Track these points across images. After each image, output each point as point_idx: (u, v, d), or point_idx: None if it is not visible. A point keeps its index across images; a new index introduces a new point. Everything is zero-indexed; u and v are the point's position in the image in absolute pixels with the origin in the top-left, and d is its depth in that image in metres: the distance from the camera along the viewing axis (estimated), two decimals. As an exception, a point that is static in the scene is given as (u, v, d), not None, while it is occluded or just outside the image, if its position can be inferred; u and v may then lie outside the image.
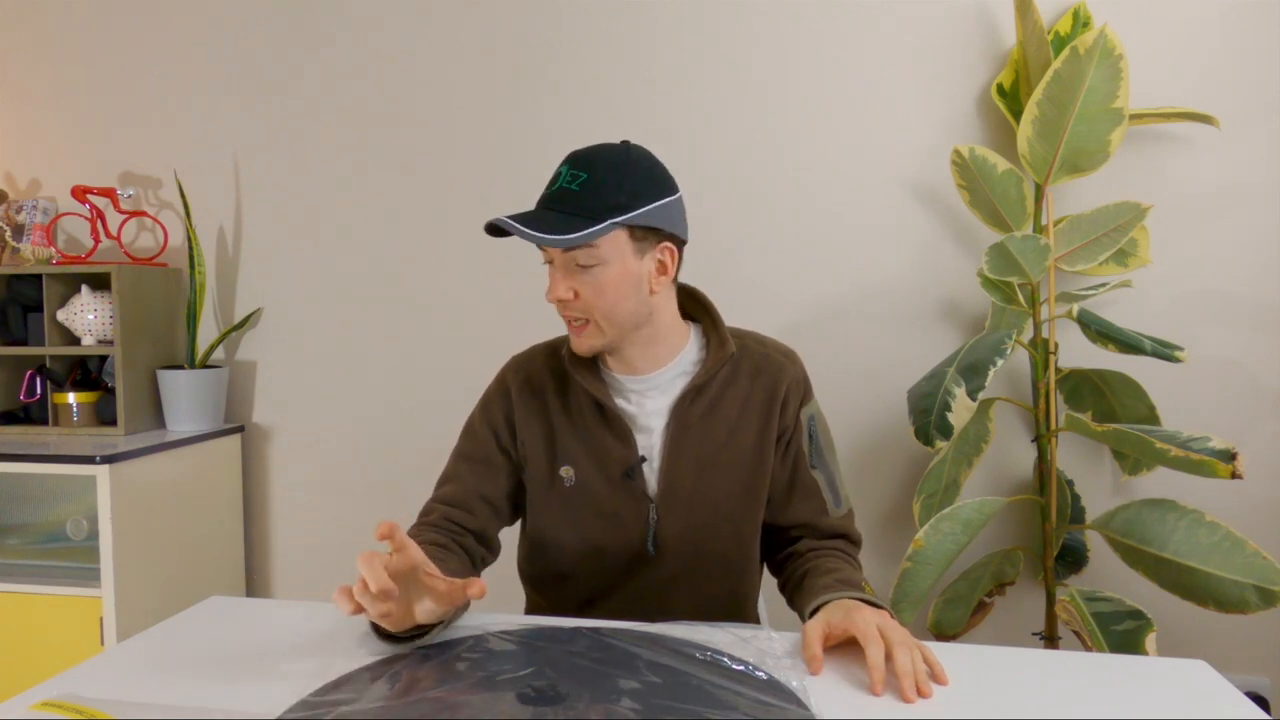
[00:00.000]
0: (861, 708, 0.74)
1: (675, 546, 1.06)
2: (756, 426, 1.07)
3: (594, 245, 0.96)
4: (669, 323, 1.06)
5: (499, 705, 0.72)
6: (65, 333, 2.07)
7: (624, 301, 0.99)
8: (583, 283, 0.99)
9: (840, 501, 1.11)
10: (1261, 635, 1.76)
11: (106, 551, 1.74)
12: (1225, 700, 0.75)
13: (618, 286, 0.99)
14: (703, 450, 1.05)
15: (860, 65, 1.85)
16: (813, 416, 1.11)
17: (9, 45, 2.26)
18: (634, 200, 0.96)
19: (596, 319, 1.01)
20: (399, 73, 2.06)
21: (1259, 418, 1.75)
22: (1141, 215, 1.55)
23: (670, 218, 1.00)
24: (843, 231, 1.88)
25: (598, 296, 0.99)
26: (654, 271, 1.00)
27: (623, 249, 0.97)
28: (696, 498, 1.05)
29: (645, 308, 1.01)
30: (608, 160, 0.98)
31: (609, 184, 0.96)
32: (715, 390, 1.06)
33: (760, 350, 1.10)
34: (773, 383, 1.07)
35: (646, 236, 0.99)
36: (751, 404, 1.07)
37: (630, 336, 1.03)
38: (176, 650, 0.89)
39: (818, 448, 1.10)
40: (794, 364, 1.11)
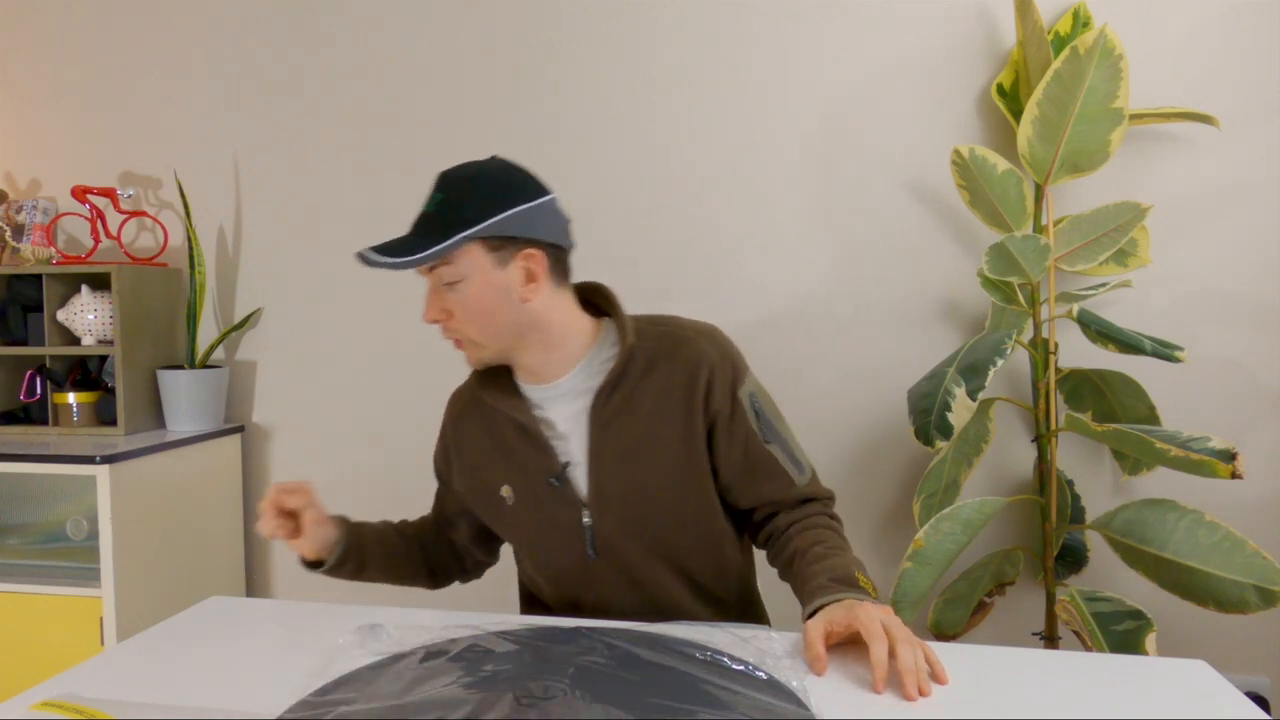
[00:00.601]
0: (861, 708, 0.74)
1: (617, 545, 1.06)
2: (679, 414, 1.04)
3: (451, 262, 0.97)
4: (563, 326, 1.05)
5: (499, 705, 0.72)
6: (65, 333, 2.07)
7: (494, 314, 1.00)
8: (451, 301, 1.00)
9: (802, 468, 1.09)
10: (1261, 635, 1.76)
11: (106, 551, 1.74)
12: (1225, 700, 0.75)
13: (483, 300, 0.99)
14: (625, 446, 1.04)
15: (860, 65, 1.85)
16: (752, 393, 1.08)
17: (9, 45, 2.26)
18: (484, 212, 0.97)
19: (471, 335, 1.01)
20: (399, 73, 2.06)
21: (1259, 418, 1.75)
22: (1141, 215, 1.55)
23: (530, 224, 0.99)
24: (842, 231, 1.88)
25: (466, 312, 1.00)
26: (521, 280, 1.00)
27: (481, 262, 0.98)
28: (628, 494, 1.05)
29: (522, 316, 1.01)
30: (462, 177, 1.00)
31: (460, 201, 0.97)
32: (630, 384, 1.05)
33: (675, 335, 1.07)
34: (690, 368, 1.05)
35: (504, 246, 0.98)
36: (670, 392, 1.04)
37: (518, 345, 1.04)
38: (176, 650, 0.89)
39: (766, 423, 1.07)
40: (714, 344, 1.07)
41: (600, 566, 1.08)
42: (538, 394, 1.08)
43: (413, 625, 0.92)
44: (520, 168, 1.03)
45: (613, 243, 1.97)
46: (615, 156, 1.96)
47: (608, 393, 1.04)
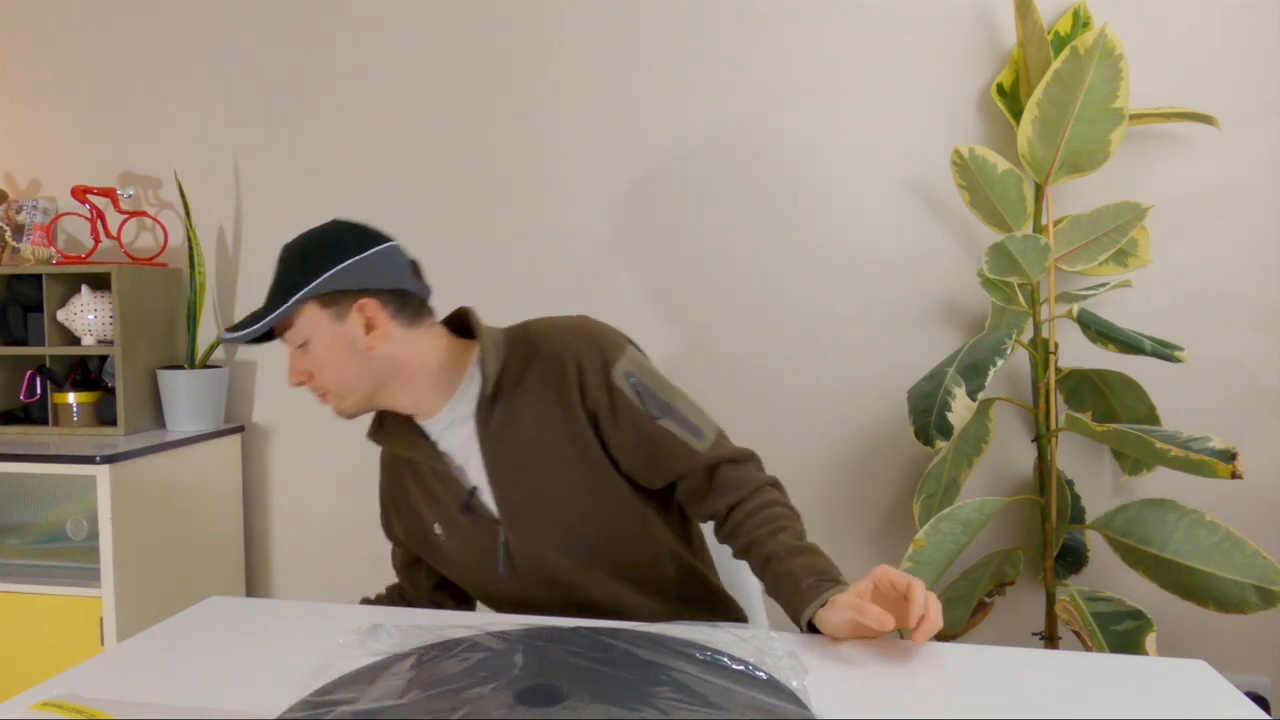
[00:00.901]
0: (861, 708, 0.74)
1: (539, 555, 1.07)
2: (560, 414, 1.05)
3: (293, 325, 1.04)
4: (422, 363, 1.07)
5: (499, 705, 0.72)
6: (65, 333, 2.07)
7: (345, 367, 1.04)
8: (308, 361, 1.05)
9: (702, 434, 1.06)
10: (1261, 635, 1.76)
11: (106, 551, 1.74)
12: (1225, 700, 0.75)
13: (331, 354, 1.04)
14: (518, 457, 1.06)
15: (860, 65, 1.85)
16: (629, 373, 1.06)
17: (9, 45, 2.26)
18: (312, 273, 1.02)
19: (331, 389, 1.06)
20: (399, 73, 2.06)
21: (1259, 418, 1.75)
22: (1141, 215, 1.55)
23: (361, 276, 1.03)
24: (842, 231, 1.88)
25: (321, 370, 1.05)
26: (363, 332, 1.04)
27: (319, 320, 1.03)
28: (534, 503, 1.06)
29: (373, 364, 1.05)
30: (295, 245, 1.05)
31: (293, 267, 1.04)
32: (506, 397, 1.06)
33: (541, 337, 1.08)
34: (559, 366, 1.05)
35: (338, 301, 1.03)
36: (545, 394, 1.05)
37: (379, 391, 1.07)
38: (176, 650, 0.89)
39: (652, 399, 1.06)
40: (580, 336, 1.07)
41: (521, 582, 1.09)
42: (431, 428, 1.10)
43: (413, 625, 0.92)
44: (353, 224, 1.07)
45: (609, 243, 1.97)
46: (615, 157, 1.96)
47: (487, 411, 1.06)
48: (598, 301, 1.98)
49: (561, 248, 2.00)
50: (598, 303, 1.98)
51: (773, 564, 0.98)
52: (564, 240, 2.00)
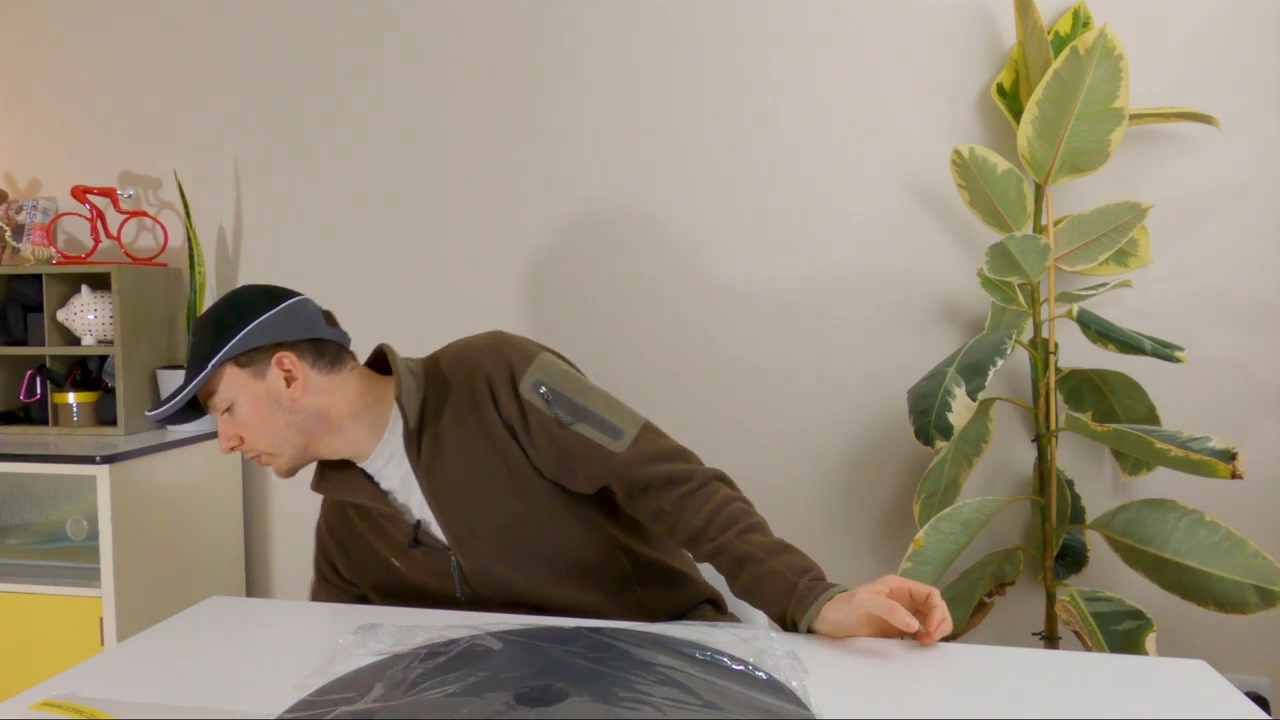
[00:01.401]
0: (861, 708, 0.74)
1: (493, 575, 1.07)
2: (480, 434, 1.05)
3: (215, 391, 1.05)
4: (349, 406, 1.08)
5: (499, 705, 0.72)
6: (65, 333, 2.07)
7: (272, 423, 1.05)
8: (235, 425, 1.06)
9: (618, 432, 1.05)
10: (1261, 635, 1.76)
11: (106, 551, 1.74)
12: (1225, 700, 0.75)
13: (257, 413, 1.05)
14: (453, 483, 1.06)
15: (860, 65, 1.85)
16: (538, 382, 1.05)
17: (9, 45, 2.26)
18: (223, 337, 1.04)
19: (264, 449, 1.07)
20: (400, 72, 2.06)
21: (1259, 418, 1.75)
22: (1141, 215, 1.55)
23: (274, 331, 1.05)
24: (842, 231, 1.88)
25: (249, 431, 1.05)
26: (283, 384, 1.05)
27: (240, 380, 1.05)
28: (477, 526, 1.06)
29: (300, 415, 1.06)
30: (204, 318, 1.07)
31: (202, 338, 1.05)
32: (431, 426, 1.07)
33: (453, 360, 1.09)
34: (471, 386, 1.06)
35: (254, 359, 1.05)
36: (464, 416, 1.06)
37: (311, 442, 1.07)
38: (176, 650, 0.89)
39: (564, 405, 1.05)
40: (486, 353, 1.07)
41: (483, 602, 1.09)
42: (370, 468, 1.11)
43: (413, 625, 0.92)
44: (261, 286, 1.09)
45: (607, 244, 1.97)
46: (614, 157, 1.96)
47: (415, 444, 1.06)
48: (598, 301, 1.98)
49: (562, 248, 2.00)
50: (598, 302, 1.98)
51: (749, 566, 0.96)
52: (564, 240, 2.00)
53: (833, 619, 0.89)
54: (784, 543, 0.99)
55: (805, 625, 0.91)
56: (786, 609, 0.93)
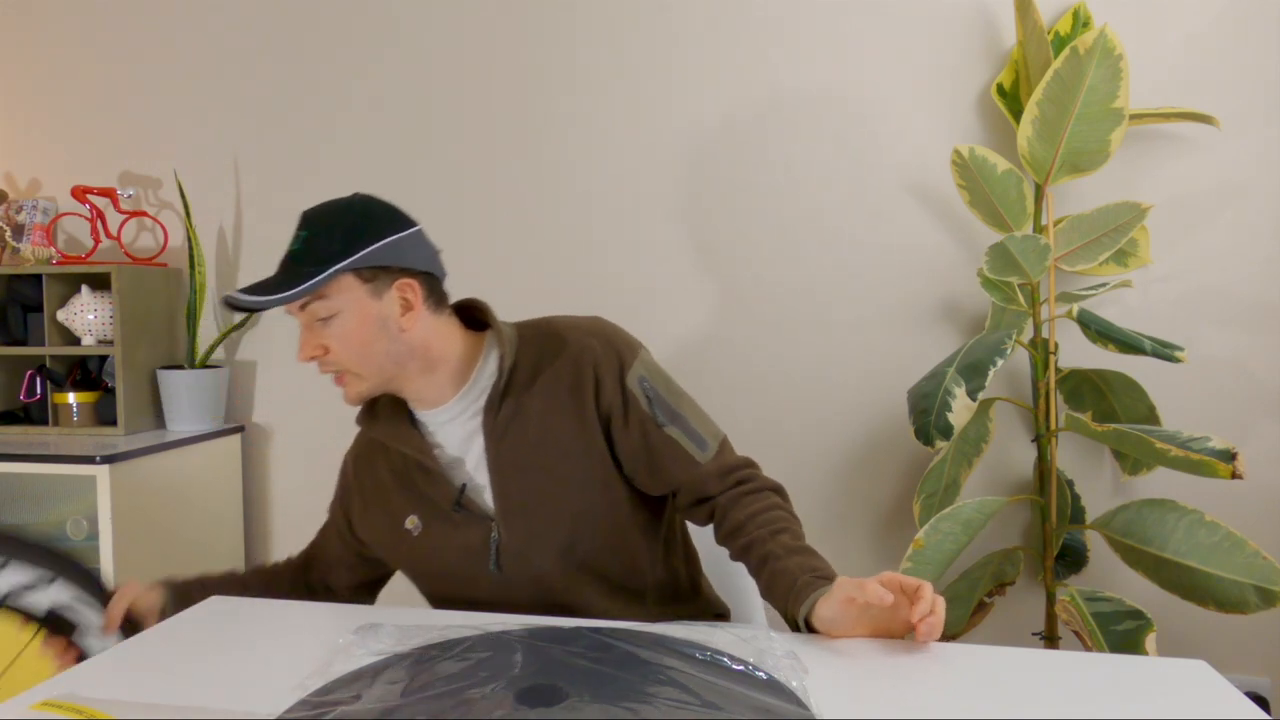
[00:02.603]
0: (861, 708, 0.74)
1: (525, 555, 1.05)
2: (571, 413, 1.04)
3: (325, 296, 0.98)
4: (445, 350, 1.05)
5: (499, 705, 0.72)
6: (65, 333, 2.07)
7: (372, 345, 1.00)
8: (327, 336, 1.00)
9: (705, 445, 1.05)
10: (1261, 635, 1.76)
11: (106, 551, 1.74)
12: (1225, 700, 0.75)
13: (361, 331, 0.99)
14: (523, 454, 1.04)
15: (860, 65, 1.85)
16: (642, 378, 1.05)
17: (9, 45, 2.26)
18: (352, 245, 0.98)
19: (350, 368, 1.01)
20: (400, 72, 2.06)
21: (1259, 418, 1.75)
22: (1141, 215, 1.55)
23: (402, 254, 1.01)
24: (842, 232, 1.88)
25: (344, 346, 1.00)
26: (398, 310, 1.01)
27: (356, 294, 0.99)
28: (533, 501, 1.04)
29: (402, 345, 1.01)
30: (327, 213, 1.00)
31: (326, 236, 0.98)
32: (517, 392, 1.04)
33: (557, 335, 1.06)
34: (576, 366, 1.04)
35: (377, 276, 0.99)
36: (558, 392, 1.04)
37: (398, 374, 1.03)
38: (176, 650, 0.89)
39: (661, 405, 1.05)
40: (597, 337, 1.06)
41: (505, 584, 1.07)
42: (431, 419, 1.08)
43: (413, 625, 0.92)
44: (384, 201, 1.04)
45: (609, 242, 1.97)
46: (614, 156, 1.96)
47: (496, 405, 1.04)
48: (598, 301, 1.98)
49: (562, 247, 2.00)
50: (598, 303, 1.98)
51: (769, 563, 0.97)
52: (564, 240, 2.00)
53: (825, 614, 0.89)
54: (807, 546, 0.99)
55: (801, 619, 0.92)
56: (787, 605, 0.94)
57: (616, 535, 1.08)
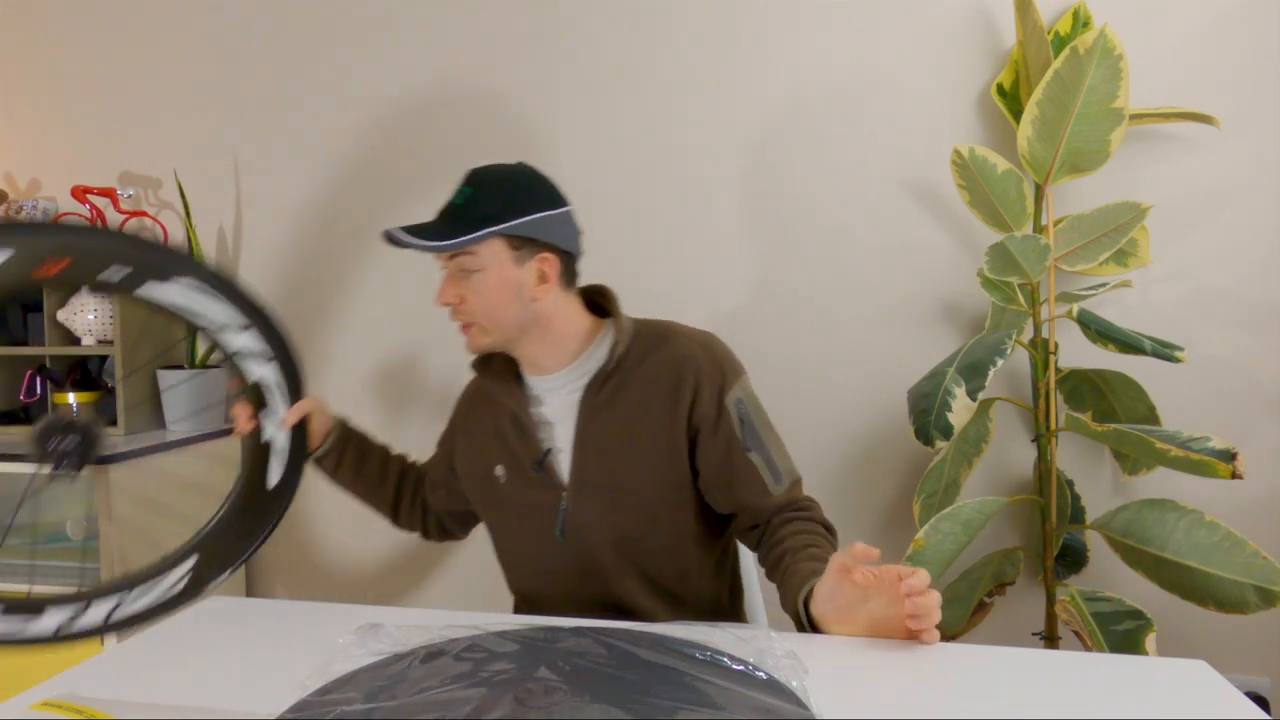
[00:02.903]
0: (861, 708, 0.74)
1: (585, 531, 1.10)
2: (663, 412, 1.09)
3: (474, 253, 1.05)
4: (564, 326, 1.12)
5: (499, 705, 0.72)
6: (65, 333, 2.07)
7: (505, 306, 1.07)
8: (467, 288, 1.07)
9: (780, 477, 1.11)
10: (1261, 635, 1.76)
11: (106, 551, 1.74)
12: (1225, 700, 0.75)
13: (498, 292, 1.07)
14: (608, 435, 1.09)
15: (860, 65, 1.85)
16: (740, 400, 1.11)
17: (9, 45, 2.26)
18: (509, 212, 1.05)
19: (479, 321, 1.09)
20: (398, 73, 2.06)
21: (1259, 418, 1.75)
22: (1141, 215, 1.55)
23: (550, 230, 1.08)
24: (842, 231, 1.88)
25: (479, 300, 1.07)
26: (534, 280, 1.07)
27: (501, 257, 1.06)
28: (605, 481, 1.09)
29: (529, 313, 1.09)
30: (493, 176, 1.09)
31: (489, 198, 1.06)
32: (620, 378, 1.10)
33: (669, 338, 1.13)
34: (678, 370, 1.09)
35: (524, 246, 1.07)
36: (656, 390, 1.09)
37: (519, 337, 1.11)
38: (176, 650, 0.89)
39: (750, 430, 1.10)
40: (706, 350, 1.12)
41: (563, 553, 1.11)
42: (537, 384, 1.15)
43: (413, 625, 0.92)
44: (545, 176, 1.11)
45: (610, 241, 1.97)
46: (614, 155, 1.96)
47: (599, 384, 1.10)
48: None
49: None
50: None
51: (786, 568, 1.02)
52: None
53: (821, 592, 0.92)
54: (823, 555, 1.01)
55: (800, 603, 0.94)
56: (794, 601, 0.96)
57: (673, 538, 1.12)
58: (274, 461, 1.20)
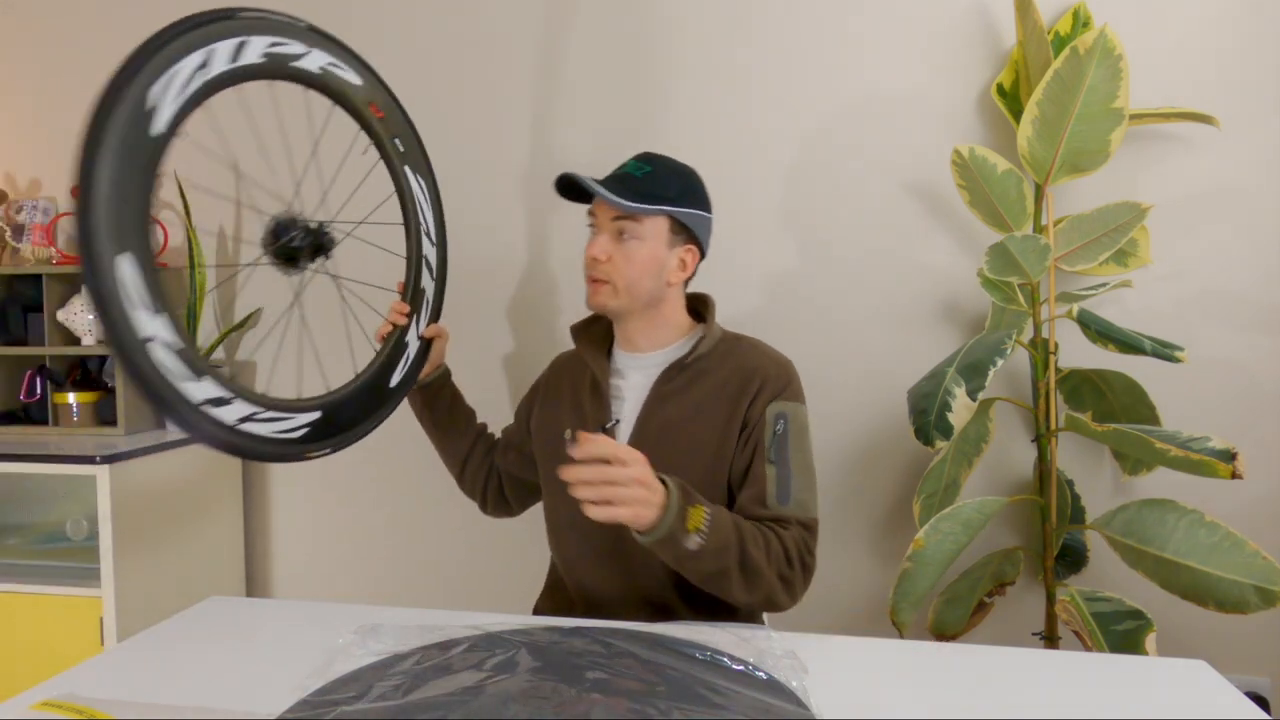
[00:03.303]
0: (861, 708, 0.74)
1: None
2: (723, 413, 1.16)
3: (640, 221, 1.16)
4: (673, 314, 1.24)
5: (499, 705, 0.72)
6: (65, 333, 2.07)
7: (645, 278, 1.18)
8: (618, 249, 1.18)
9: (787, 500, 1.12)
10: (1261, 635, 1.76)
11: (106, 551, 1.74)
12: (1225, 700, 0.75)
13: (646, 263, 1.17)
14: (670, 421, 1.17)
15: (860, 65, 1.85)
16: (783, 414, 1.15)
17: (9, 45, 2.26)
18: (682, 199, 1.19)
19: (617, 282, 1.18)
20: (399, 72, 2.06)
21: (1259, 418, 1.75)
22: (1141, 215, 1.55)
23: (702, 228, 1.23)
24: (842, 231, 1.88)
25: (627, 264, 1.17)
26: (676, 265, 1.20)
27: (660, 234, 1.18)
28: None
29: (658, 292, 1.20)
30: (669, 164, 1.23)
31: (666, 180, 1.19)
32: (693, 373, 1.19)
33: (749, 349, 1.23)
34: (747, 376, 1.17)
35: (681, 232, 1.20)
36: (724, 390, 1.17)
37: (636, 310, 1.21)
38: (176, 650, 0.89)
39: (780, 446, 1.14)
40: (778, 366, 1.20)
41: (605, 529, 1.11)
42: (624, 359, 1.26)
43: (413, 625, 0.92)
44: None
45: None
46: (614, 155, 1.96)
47: (674, 372, 1.20)
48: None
49: (561, 247, 2.00)
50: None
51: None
52: (564, 241, 2.00)
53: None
54: (737, 531, 1.06)
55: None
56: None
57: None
58: (400, 363, 1.33)
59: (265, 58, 1.19)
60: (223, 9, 1.16)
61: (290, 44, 1.22)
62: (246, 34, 1.16)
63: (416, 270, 1.41)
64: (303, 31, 1.25)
